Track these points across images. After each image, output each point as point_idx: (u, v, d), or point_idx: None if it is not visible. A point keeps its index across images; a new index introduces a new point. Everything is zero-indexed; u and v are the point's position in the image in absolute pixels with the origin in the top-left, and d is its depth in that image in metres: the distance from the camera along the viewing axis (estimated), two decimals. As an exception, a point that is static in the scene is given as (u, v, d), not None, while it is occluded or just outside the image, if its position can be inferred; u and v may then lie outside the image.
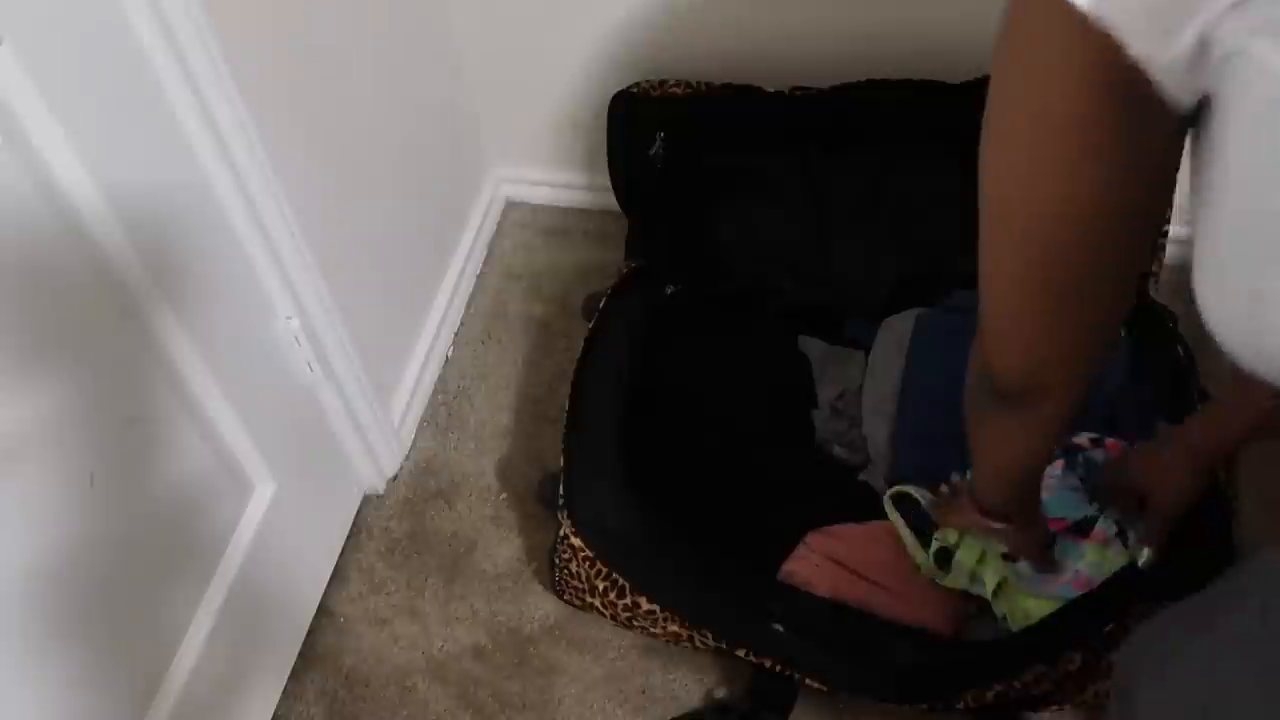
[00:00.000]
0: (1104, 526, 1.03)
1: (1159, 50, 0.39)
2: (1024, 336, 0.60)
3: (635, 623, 1.11)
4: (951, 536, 1.04)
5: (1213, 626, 0.45)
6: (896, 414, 1.22)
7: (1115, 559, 1.01)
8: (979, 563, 1.03)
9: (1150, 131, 0.45)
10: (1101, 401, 1.16)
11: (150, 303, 0.87)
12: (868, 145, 1.33)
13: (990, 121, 0.50)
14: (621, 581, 1.09)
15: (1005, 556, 1.02)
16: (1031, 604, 1.02)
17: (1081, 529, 1.04)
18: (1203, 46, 0.38)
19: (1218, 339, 0.44)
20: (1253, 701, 0.39)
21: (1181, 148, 0.46)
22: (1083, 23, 0.40)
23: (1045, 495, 1.04)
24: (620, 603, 1.09)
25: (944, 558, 1.06)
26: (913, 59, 1.28)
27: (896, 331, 1.28)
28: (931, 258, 1.28)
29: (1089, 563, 1.01)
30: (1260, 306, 0.40)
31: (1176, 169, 0.50)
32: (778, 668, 1.04)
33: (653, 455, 1.18)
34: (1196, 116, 0.43)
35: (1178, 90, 0.41)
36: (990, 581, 1.03)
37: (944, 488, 1.09)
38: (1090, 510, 1.05)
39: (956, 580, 1.05)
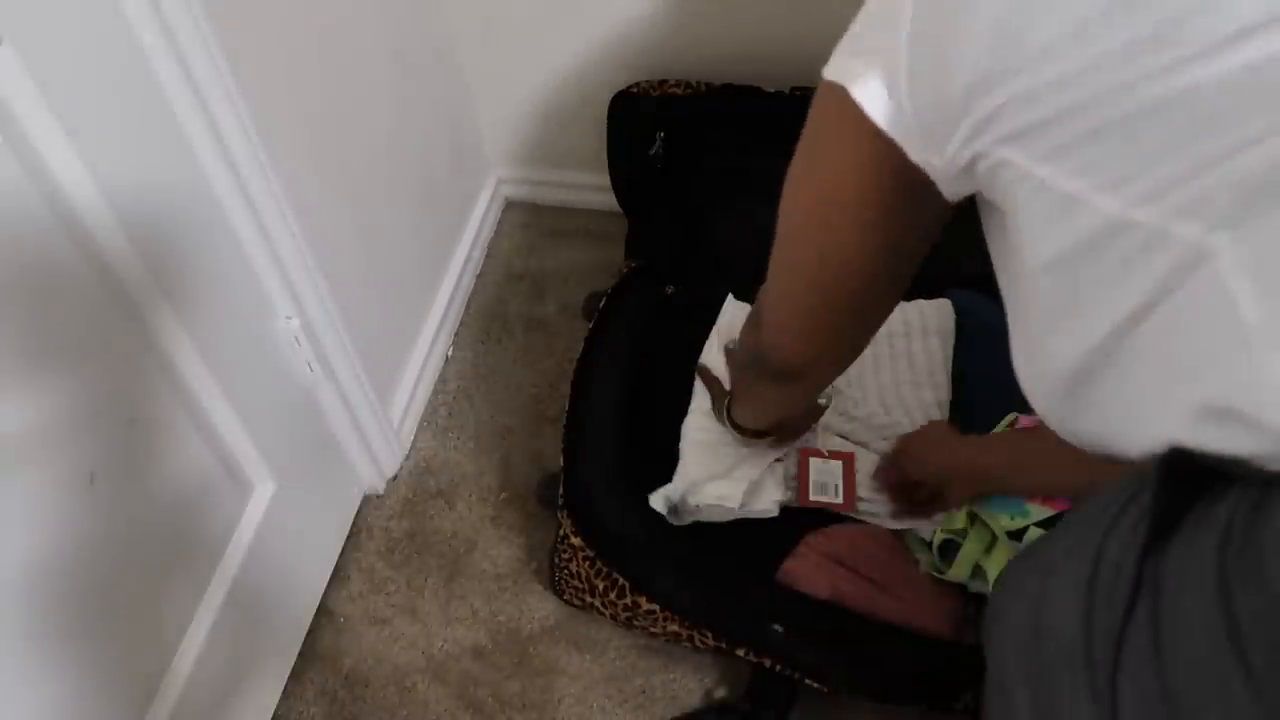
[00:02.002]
0: None
1: (935, 158, 0.46)
2: (801, 339, 0.70)
3: (635, 623, 1.11)
4: (958, 523, 1.04)
5: (1038, 554, 0.49)
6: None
7: None
8: (985, 552, 1.03)
9: (924, 212, 0.53)
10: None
11: (150, 303, 0.87)
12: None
13: (790, 186, 0.59)
14: (621, 581, 1.09)
15: (1011, 535, 1.01)
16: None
17: None
18: (973, 159, 0.44)
19: (1031, 404, 0.50)
20: (1069, 603, 0.42)
21: (948, 219, 0.54)
22: (874, 131, 0.48)
23: None
24: (620, 603, 1.09)
25: (946, 551, 1.06)
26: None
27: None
28: (929, 258, 1.28)
29: None
30: (1065, 384, 0.46)
31: (940, 231, 0.58)
32: (777, 668, 1.04)
33: (653, 455, 1.18)
34: (976, 203, 0.50)
35: (950, 188, 0.48)
36: (994, 572, 1.02)
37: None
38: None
39: (959, 572, 1.05)
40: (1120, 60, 0.37)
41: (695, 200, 1.38)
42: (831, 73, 0.50)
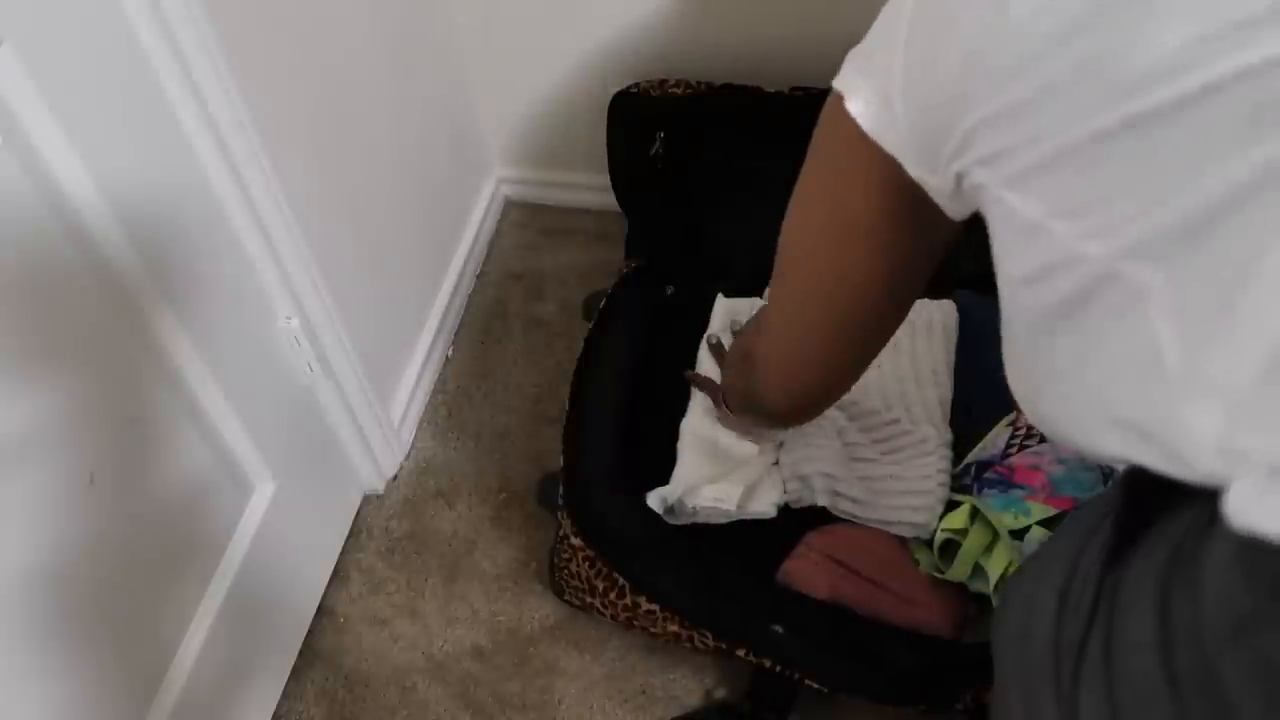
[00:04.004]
0: None
1: (928, 175, 0.46)
2: (806, 377, 0.68)
3: (635, 623, 1.11)
4: (959, 523, 1.04)
5: (1037, 559, 0.50)
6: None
7: None
8: (986, 552, 1.03)
9: (934, 231, 0.52)
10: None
11: (150, 303, 0.87)
12: (867, 145, 1.33)
13: (796, 205, 0.59)
14: (621, 581, 1.09)
15: (1012, 534, 1.01)
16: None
17: None
18: (958, 177, 0.44)
19: (1019, 405, 0.50)
20: (1048, 612, 0.43)
21: (960, 232, 0.53)
22: (874, 145, 0.47)
23: (1056, 471, 1.04)
24: (620, 603, 1.09)
25: (947, 550, 1.06)
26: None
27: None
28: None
29: None
30: (1041, 388, 0.47)
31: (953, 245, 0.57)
32: (777, 668, 1.04)
33: (653, 455, 1.18)
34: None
35: (949, 205, 0.48)
36: (994, 571, 1.02)
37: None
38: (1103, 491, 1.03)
39: (959, 572, 1.05)
40: (1072, 87, 0.36)
41: (695, 200, 1.38)
42: (837, 80, 0.50)
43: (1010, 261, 0.43)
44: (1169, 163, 0.34)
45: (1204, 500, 0.36)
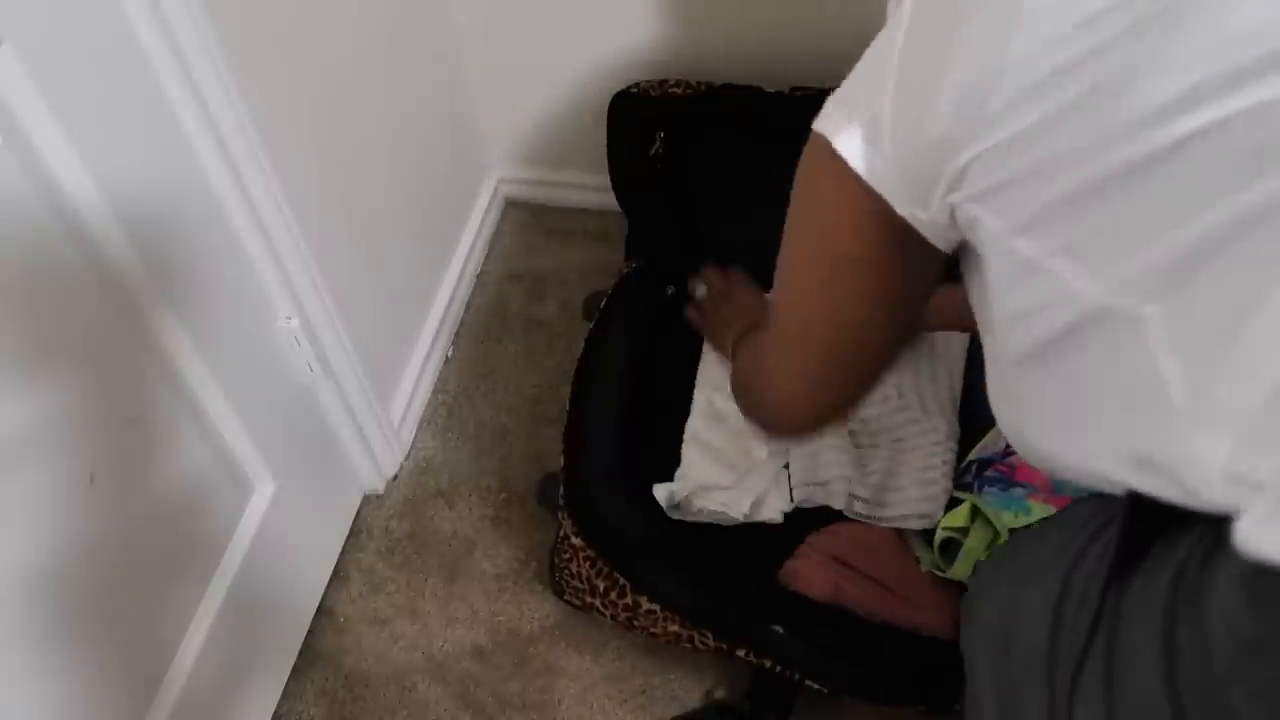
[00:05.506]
0: None
1: (920, 210, 0.46)
2: (810, 400, 0.67)
3: (635, 623, 1.11)
4: (960, 521, 1.04)
5: (1014, 559, 0.51)
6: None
7: None
8: (987, 551, 1.03)
9: (923, 268, 0.53)
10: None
11: (150, 303, 0.87)
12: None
13: (788, 257, 0.59)
14: (622, 581, 1.09)
15: (1013, 533, 1.01)
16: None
17: None
18: (952, 212, 0.44)
19: (1005, 434, 0.52)
20: (1039, 622, 0.43)
21: (946, 266, 0.53)
22: (861, 184, 0.47)
23: None
24: (620, 603, 1.09)
25: (948, 549, 1.06)
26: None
27: None
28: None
29: None
30: (1033, 421, 0.48)
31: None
32: (777, 668, 1.04)
33: (654, 455, 1.18)
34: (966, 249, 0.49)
35: (940, 241, 0.48)
36: None
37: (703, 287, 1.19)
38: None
39: (960, 571, 1.05)
40: (1070, 127, 0.37)
41: (695, 200, 1.38)
42: (819, 124, 0.50)
43: (1001, 296, 0.44)
44: (1168, 200, 0.35)
45: (1204, 525, 0.36)
